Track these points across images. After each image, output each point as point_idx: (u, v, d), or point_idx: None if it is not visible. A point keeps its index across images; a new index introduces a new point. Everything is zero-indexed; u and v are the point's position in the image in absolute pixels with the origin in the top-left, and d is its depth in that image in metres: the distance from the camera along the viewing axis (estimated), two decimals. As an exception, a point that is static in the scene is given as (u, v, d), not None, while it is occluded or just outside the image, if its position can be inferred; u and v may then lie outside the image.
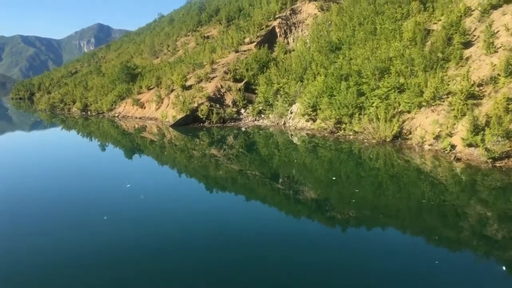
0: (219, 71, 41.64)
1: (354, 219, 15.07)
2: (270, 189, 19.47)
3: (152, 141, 33.96)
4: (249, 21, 51.92)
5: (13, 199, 18.19)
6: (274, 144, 30.22)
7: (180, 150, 29.99)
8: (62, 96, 55.09)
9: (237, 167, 24.03)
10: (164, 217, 15.41)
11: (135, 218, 15.23)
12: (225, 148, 29.39)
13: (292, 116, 33.38)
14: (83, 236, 13.55)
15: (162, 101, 41.56)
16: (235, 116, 36.74)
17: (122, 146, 33.46)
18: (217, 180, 21.50)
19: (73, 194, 18.76)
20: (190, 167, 25.21)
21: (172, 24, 76.86)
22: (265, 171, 23.04)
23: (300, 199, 17.89)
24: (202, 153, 28.43)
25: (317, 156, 25.39)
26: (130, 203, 17.15)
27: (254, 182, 21.00)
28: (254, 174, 22.36)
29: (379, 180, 19.76)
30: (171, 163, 26.56)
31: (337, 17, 43.05)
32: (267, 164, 24.82)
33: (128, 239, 13.25)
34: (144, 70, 51.59)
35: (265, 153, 27.31)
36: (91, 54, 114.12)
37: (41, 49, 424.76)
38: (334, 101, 27.79)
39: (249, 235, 13.67)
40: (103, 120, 45.97)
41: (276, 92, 36.02)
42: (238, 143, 30.86)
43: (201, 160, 26.61)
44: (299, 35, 50.10)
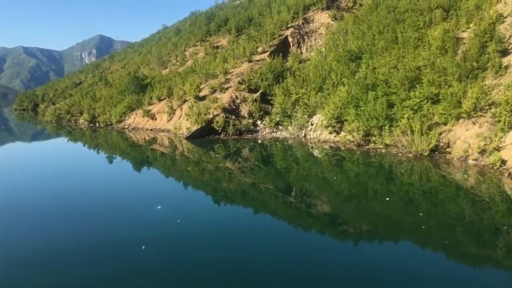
0: (233, 81, 40.34)
1: (377, 237, 13.99)
2: (286, 205, 18.42)
3: (163, 154, 32.66)
4: (260, 30, 50.81)
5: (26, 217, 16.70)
6: (293, 157, 28.88)
7: (192, 163, 28.72)
8: (69, 107, 53.70)
9: (250, 180, 22.83)
10: (169, 231, 14.78)
11: (146, 234, 14.36)
12: (240, 161, 28.13)
13: (313, 128, 31.95)
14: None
15: (174, 112, 40.17)
16: (251, 128, 35.32)
17: (131, 158, 32.20)
18: (229, 194, 20.37)
19: (88, 212, 17.63)
20: (201, 180, 24.07)
21: (179, 34, 75.93)
22: (281, 185, 21.82)
23: (317, 214, 16.79)
24: (216, 166, 27.20)
25: (342, 170, 24.01)
26: (144, 217, 16.33)
27: (269, 197, 19.79)
28: (269, 188, 21.05)
29: (410, 196, 18.41)
30: (182, 176, 25.37)
31: (353, 26, 41.97)
32: (284, 178, 23.60)
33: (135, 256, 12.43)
34: (153, 81, 50.33)
35: (282, 166, 26.08)
36: (94, 65, 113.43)
37: (43, 60, 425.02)
38: (361, 112, 26.37)
39: (259, 251, 12.88)
40: (112, 132, 44.53)
41: (295, 103, 34.65)
42: (254, 156, 29.57)
43: (213, 173, 25.39)
44: (313, 45, 48.96)
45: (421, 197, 18.07)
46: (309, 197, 19.38)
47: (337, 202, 18.65)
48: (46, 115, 56.82)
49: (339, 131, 29.13)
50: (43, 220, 16.57)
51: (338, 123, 28.93)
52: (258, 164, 26.72)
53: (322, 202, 18.47)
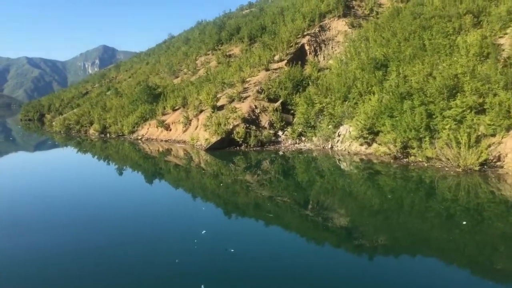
0: (251, 90, 38.83)
1: (408, 254, 13.07)
2: (305, 220, 17.35)
3: (178, 166, 31.24)
4: (275, 38, 49.44)
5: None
6: (317, 169, 27.31)
7: (208, 175, 27.28)
8: (78, 117, 52.20)
9: (268, 193, 21.56)
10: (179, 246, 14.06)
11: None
12: (260, 174, 26.61)
13: (340, 139, 30.29)
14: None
15: (190, 123, 38.59)
16: (273, 139, 33.67)
17: (144, 170, 30.98)
18: (243, 207, 19.66)
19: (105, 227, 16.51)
20: (215, 193, 22.88)
21: (189, 44, 74.75)
22: (303, 199, 20.48)
23: (340, 229, 15.79)
24: (233, 178, 25.78)
25: (374, 184, 22.34)
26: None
27: (291, 213, 18.39)
28: (290, 203, 19.75)
29: (451, 213, 16.72)
30: (195, 188, 24.19)
31: (375, 33, 40.60)
32: (306, 191, 22.20)
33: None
34: (165, 90, 48.90)
35: (305, 179, 24.72)
36: (100, 74, 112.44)
37: (46, 71, 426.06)
38: (398, 123, 24.71)
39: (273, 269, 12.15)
40: (124, 143, 42.96)
41: (318, 113, 33.06)
42: (276, 168, 28.06)
43: (230, 186, 24.04)
44: (330, 53, 47.55)
45: (464, 214, 16.53)
46: (333, 212, 18.27)
47: (364, 216, 17.45)
48: (55, 126, 55.30)
49: (371, 142, 27.46)
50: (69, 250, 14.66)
51: (370, 134, 27.27)
52: (279, 177, 25.35)
53: (346, 217, 17.48)
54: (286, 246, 14.68)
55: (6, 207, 20.45)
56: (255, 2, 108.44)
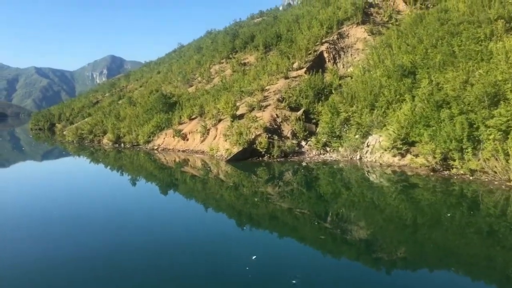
0: (271, 98, 37.60)
1: (440, 274, 12.15)
2: (326, 234, 16.49)
3: (195, 177, 30.09)
4: (293, 46, 48.35)
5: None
6: (342, 181, 26.00)
7: (227, 187, 26.21)
8: (91, 126, 51.21)
9: (288, 206, 20.93)
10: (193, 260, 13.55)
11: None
12: (281, 185, 25.55)
13: (369, 150, 28.85)
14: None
15: (208, 132, 37.37)
16: (296, 149, 32.29)
17: (159, 181, 30.42)
18: (261, 220, 19.00)
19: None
20: (233, 204, 22.23)
21: (201, 52, 73.96)
22: (325, 212, 19.66)
23: (363, 244, 15.12)
24: (253, 190, 24.65)
25: (408, 198, 20.95)
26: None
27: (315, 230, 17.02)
28: (310, 216, 19.00)
29: (494, 229, 15.47)
30: (212, 200, 23.37)
31: (398, 40, 39.32)
32: (329, 204, 21.22)
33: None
34: (180, 99, 47.86)
35: (329, 191, 23.58)
36: (110, 83, 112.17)
37: (54, 80, 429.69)
38: (437, 133, 23.25)
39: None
40: (139, 153, 41.78)
41: (344, 122, 31.69)
42: (298, 179, 26.86)
43: (249, 197, 23.06)
44: (349, 60, 46.32)
45: (509, 231, 15.11)
46: (358, 226, 17.30)
47: (395, 231, 16.48)
48: (67, 135, 54.34)
49: (405, 153, 25.99)
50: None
51: (404, 144, 25.80)
52: (303, 190, 24.20)
53: (373, 231, 16.55)
54: (302, 261, 13.83)
55: (25, 214, 20.51)
56: (266, 11, 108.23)
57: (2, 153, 53.68)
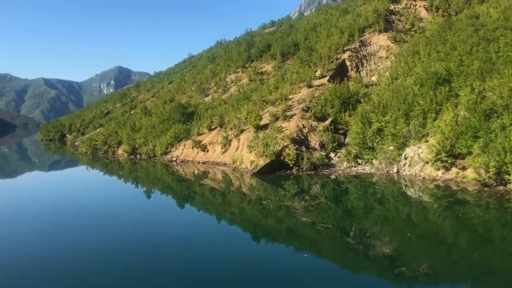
0: (296, 108, 35.95)
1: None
2: (349, 250, 15.94)
3: (217, 190, 28.57)
4: (313, 54, 46.88)
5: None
6: (375, 195, 24.37)
7: (249, 200, 25.09)
8: (105, 137, 49.76)
9: (312, 220, 19.99)
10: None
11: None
12: (310, 200, 24.14)
13: (407, 163, 26.98)
14: None
15: (229, 143, 35.72)
16: (326, 161, 30.49)
17: (176, 194, 29.62)
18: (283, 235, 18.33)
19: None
20: (253, 219, 21.54)
21: (215, 62, 72.77)
22: (352, 228, 18.64)
23: (384, 263, 14.25)
24: (277, 204, 23.36)
25: (454, 215, 19.33)
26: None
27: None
28: (334, 232, 18.19)
29: None
30: (232, 215, 22.48)
31: (426, 47, 37.71)
32: (358, 219, 20.02)
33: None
34: (197, 109, 46.40)
35: (360, 206, 22.55)
36: (120, 94, 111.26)
37: (62, 91, 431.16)
38: (489, 145, 21.40)
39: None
40: (155, 164, 40.13)
41: (377, 132, 29.91)
42: (327, 193, 25.43)
43: (272, 212, 22.01)
44: (373, 68, 44.73)
45: None
46: (387, 243, 16.21)
47: (437, 252, 14.99)
48: (81, 146, 52.91)
49: (450, 167, 24.08)
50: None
51: (449, 157, 23.92)
52: (338, 204, 22.94)
53: (403, 249, 15.69)
54: (318, 277, 13.09)
55: (44, 221, 21.14)
56: (277, 21, 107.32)
57: (14, 166, 52.42)
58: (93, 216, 22.23)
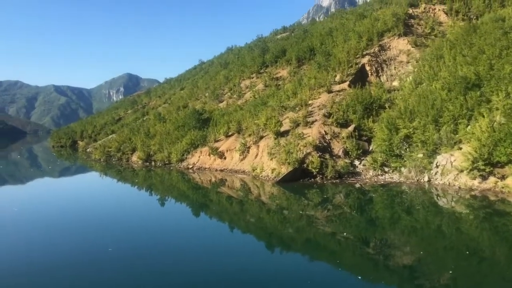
0: (316, 114, 34.81)
1: None
2: (369, 262, 15.16)
3: (237, 199, 27.57)
4: (330, 59, 45.80)
5: None
6: (403, 205, 23.26)
7: (268, 209, 24.18)
8: (119, 144, 48.95)
9: (332, 230, 19.41)
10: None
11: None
12: (333, 209, 23.29)
13: (439, 171, 25.65)
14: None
15: (248, 150, 34.63)
16: (351, 169, 29.25)
17: (191, 202, 28.77)
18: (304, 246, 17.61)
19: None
20: (271, 228, 20.79)
21: (228, 67, 72.01)
22: (375, 238, 17.94)
23: (403, 274, 13.80)
24: (298, 214, 22.70)
25: (492, 227, 18.29)
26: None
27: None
28: (355, 243, 17.43)
29: None
30: (249, 224, 21.82)
31: (451, 51, 36.41)
32: (383, 230, 19.20)
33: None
34: (212, 115, 45.46)
35: (386, 215, 21.73)
36: (131, 100, 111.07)
37: (72, 98, 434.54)
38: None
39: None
40: (171, 172, 39.13)
41: (404, 139, 28.63)
42: (353, 203, 24.37)
43: (292, 221, 21.51)
44: (393, 73, 43.49)
45: None
46: (411, 254, 15.60)
47: (471, 269, 14.24)
48: (94, 153, 52.15)
49: (487, 175, 22.72)
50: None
51: (487, 165, 22.56)
52: (364, 215, 21.83)
53: (427, 261, 14.69)
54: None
55: (60, 228, 21.16)
56: (289, 26, 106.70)
57: (28, 173, 51.86)
58: (107, 224, 21.94)
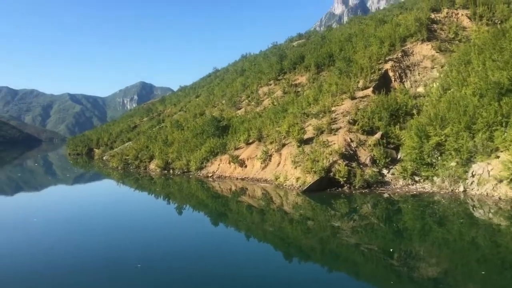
0: (341, 121, 33.74)
1: None
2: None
3: (257, 208, 26.62)
4: (351, 65, 44.76)
5: None
6: (435, 216, 22.04)
7: (292, 220, 23.30)
8: (137, 152, 48.45)
9: (358, 243, 18.58)
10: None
11: None
12: (359, 220, 22.32)
13: (475, 181, 24.31)
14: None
15: (270, 158, 33.67)
16: (379, 178, 28.05)
17: (210, 212, 27.81)
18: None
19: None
20: (292, 239, 20.00)
21: (244, 74, 71.44)
22: (400, 250, 17.04)
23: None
24: (323, 225, 21.97)
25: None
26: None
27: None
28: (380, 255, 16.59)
29: None
30: (274, 235, 20.75)
31: (480, 56, 35.08)
32: (409, 242, 18.35)
33: None
34: (231, 122, 44.68)
35: (416, 227, 20.76)
36: (146, 108, 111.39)
37: (87, 106, 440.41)
38: None
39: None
40: (189, 180, 38.35)
41: (435, 147, 27.36)
42: (381, 214, 23.36)
43: (316, 232, 20.88)
44: (417, 79, 42.24)
45: None
46: (439, 267, 14.87)
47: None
48: (111, 161, 51.73)
49: (530, 185, 21.35)
50: None
51: (530, 174, 21.22)
52: (392, 226, 20.92)
53: (460, 277, 14.03)
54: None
55: (78, 237, 20.76)
56: (304, 33, 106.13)
57: (46, 181, 51.69)
58: (125, 233, 21.63)
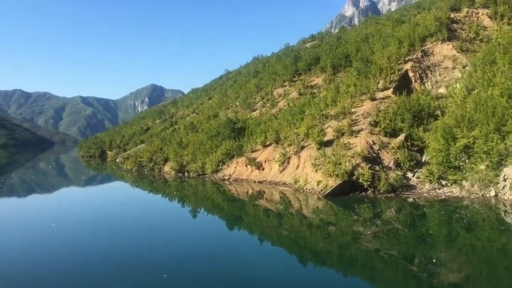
0: (361, 122, 32.76)
1: None
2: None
3: (275, 213, 25.86)
4: (370, 65, 43.72)
5: None
6: (462, 222, 21.38)
7: (311, 224, 22.60)
8: (151, 154, 47.94)
9: (378, 248, 18.00)
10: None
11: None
12: (382, 225, 21.58)
13: (507, 185, 23.16)
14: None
15: (288, 161, 32.82)
16: (404, 182, 27.00)
17: (226, 216, 27.33)
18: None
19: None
20: (311, 244, 19.40)
21: (258, 76, 70.70)
22: (422, 256, 16.55)
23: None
24: (344, 230, 21.40)
25: None
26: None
27: None
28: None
29: None
30: (293, 240, 20.38)
31: (505, 56, 33.85)
32: (432, 248, 17.50)
33: None
34: (247, 124, 43.92)
35: (439, 232, 20.02)
36: (158, 110, 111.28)
37: (98, 109, 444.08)
38: None
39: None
40: (205, 183, 37.63)
41: (463, 150, 26.24)
42: (405, 219, 22.64)
43: (336, 237, 20.42)
44: (438, 79, 41.03)
45: None
46: (463, 274, 14.63)
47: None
48: (126, 164, 51.30)
49: None
50: None
51: None
52: (415, 231, 20.42)
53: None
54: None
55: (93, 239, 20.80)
56: (317, 34, 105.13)
57: (62, 184, 51.53)
58: (139, 235, 21.51)
